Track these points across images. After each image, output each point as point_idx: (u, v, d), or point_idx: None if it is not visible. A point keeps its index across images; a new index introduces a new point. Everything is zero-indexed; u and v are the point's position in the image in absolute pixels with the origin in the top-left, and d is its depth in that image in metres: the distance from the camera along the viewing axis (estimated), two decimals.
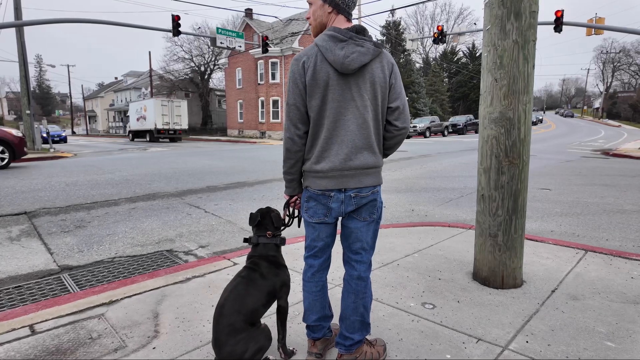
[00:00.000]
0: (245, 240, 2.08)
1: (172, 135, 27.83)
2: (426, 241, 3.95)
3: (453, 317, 2.43)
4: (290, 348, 2.06)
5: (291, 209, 2.05)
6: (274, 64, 29.39)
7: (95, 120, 63.09)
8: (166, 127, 27.46)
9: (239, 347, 1.74)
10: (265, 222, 2.03)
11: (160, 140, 27.83)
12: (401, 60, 39.90)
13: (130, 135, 31.84)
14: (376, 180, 1.84)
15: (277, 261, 2.00)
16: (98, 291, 2.85)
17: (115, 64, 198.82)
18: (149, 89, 39.73)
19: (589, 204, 6.00)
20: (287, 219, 2.07)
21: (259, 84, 30.59)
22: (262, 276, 1.92)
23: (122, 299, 2.73)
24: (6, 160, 11.36)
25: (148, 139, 28.72)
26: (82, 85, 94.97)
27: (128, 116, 33.54)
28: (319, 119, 1.75)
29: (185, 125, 29.03)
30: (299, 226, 2.09)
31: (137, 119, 30.07)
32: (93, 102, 65.29)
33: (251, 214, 2.06)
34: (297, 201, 1.98)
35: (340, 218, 1.90)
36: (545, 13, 26.11)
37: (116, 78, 68.72)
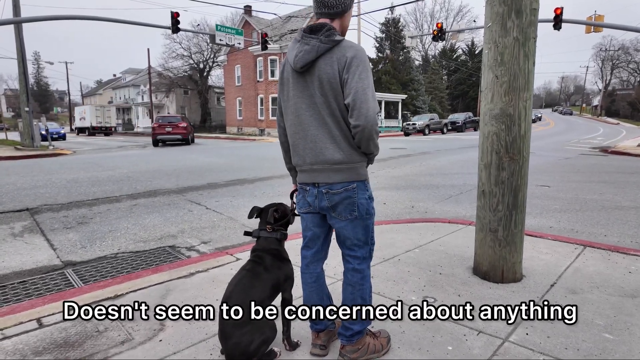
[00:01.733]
0: (247, 233, 2.11)
1: (105, 131, 38.06)
2: (426, 237, 3.98)
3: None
4: (295, 340, 2.09)
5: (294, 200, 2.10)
6: (273, 61, 29.32)
7: None
8: (99, 125, 37.63)
9: (245, 339, 1.78)
10: (267, 216, 2.07)
11: (97, 134, 38.04)
12: (400, 58, 39.86)
13: (76, 130, 41.18)
14: (349, 176, 1.79)
15: (280, 255, 2.04)
16: (103, 286, 2.89)
17: (114, 61, 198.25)
18: (148, 86, 40.43)
19: (587, 201, 6.05)
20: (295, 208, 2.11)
21: (258, 81, 30.54)
22: (266, 269, 1.96)
23: (127, 293, 2.76)
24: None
25: (87, 134, 38.12)
26: (80, 83, 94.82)
27: (74, 116, 45.57)
28: (286, 114, 1.91)
29: (113, 124, 40.04)
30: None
31: (80, 119, 39.84)
32: (91, 99, 65.12)
33: (253, 207, 2.10)
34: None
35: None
36: (545, 10, 26.14)
37: (115, 75, 68.57)
